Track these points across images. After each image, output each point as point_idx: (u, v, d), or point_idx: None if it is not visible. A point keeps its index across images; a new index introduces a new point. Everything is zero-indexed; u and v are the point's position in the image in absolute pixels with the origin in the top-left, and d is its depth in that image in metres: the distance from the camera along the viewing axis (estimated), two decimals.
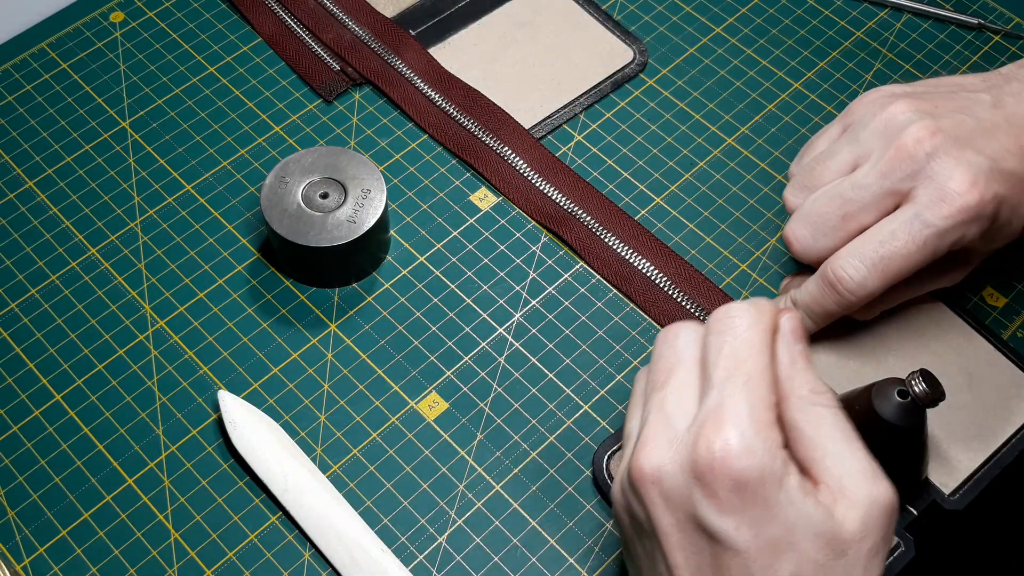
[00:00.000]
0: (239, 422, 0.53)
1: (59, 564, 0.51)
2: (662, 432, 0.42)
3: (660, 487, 0.41)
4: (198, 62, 0.67)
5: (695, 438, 0.40)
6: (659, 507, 0.41)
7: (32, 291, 0.59)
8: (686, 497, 0.40)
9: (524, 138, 0.63)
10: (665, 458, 0.41)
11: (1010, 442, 0.53)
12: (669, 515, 0.41)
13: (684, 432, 0.41)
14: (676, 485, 0.41)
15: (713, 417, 0.41)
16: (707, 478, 0.40)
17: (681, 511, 0.41)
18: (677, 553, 0.41)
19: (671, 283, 0.58)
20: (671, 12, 0.69)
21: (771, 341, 0.43)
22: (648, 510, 0.41)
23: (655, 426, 0.42)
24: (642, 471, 0.41)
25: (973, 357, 0.56)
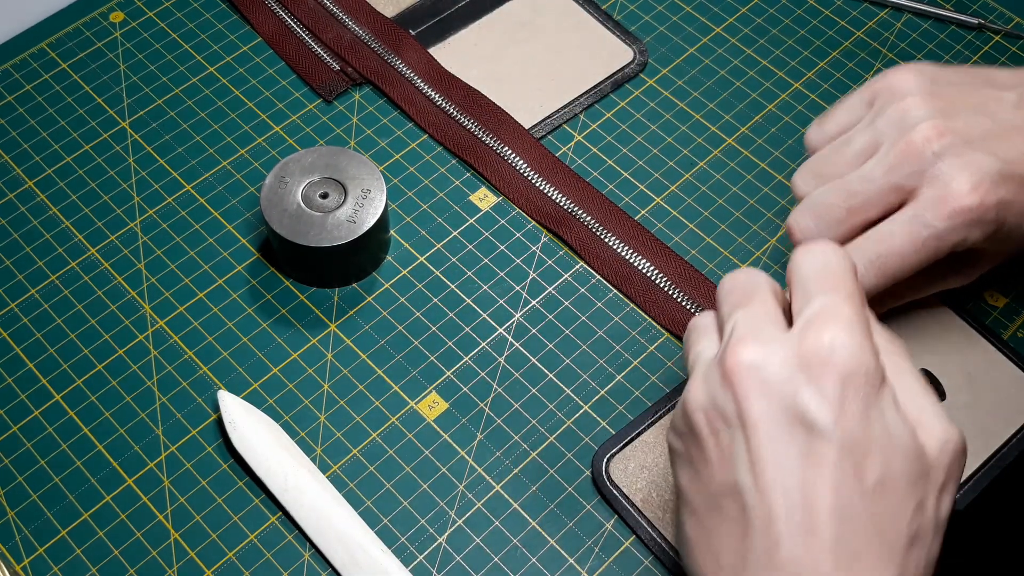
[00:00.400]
0: (239, 422, 0.53)
1: (59, 564, 0.51)
2: (758, 332, 0.42)
3: (759, 376, 0.41)
4: (198, 62, 0.67)
5: (802, 333, 0.41)
6: (753, 396, 0.41)
7: (32, 291, 0.59)
8: (786, 386, 0.40)
9: (524, 138, 0.63)
10: (767, 350, 0.41)
11: (1010, 442, 0.53)
12: (764, 403, 0.40)
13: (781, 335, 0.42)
14: (778, 374, 0.40)
15: (821, 316, 0.41)
16: (814, 369, 0.40)
17: (777, 400, 0.40)
18: (765, 445, 0.40)
19: (671, 283, 0.58)
20: (671, 12, 0.69)
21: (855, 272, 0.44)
22: (740, 400, 0.41)
23: (749, 327, 0.42)
24: (740, 362, 0.41)
25: (973, 357, 0.56)
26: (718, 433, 0.42)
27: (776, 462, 0.40)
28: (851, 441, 0.39)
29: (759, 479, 0.40)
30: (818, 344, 0.40)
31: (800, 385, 0.40)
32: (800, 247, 0.45)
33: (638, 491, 0.52)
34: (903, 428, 0.40)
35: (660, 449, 0.54)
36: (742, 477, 0.41)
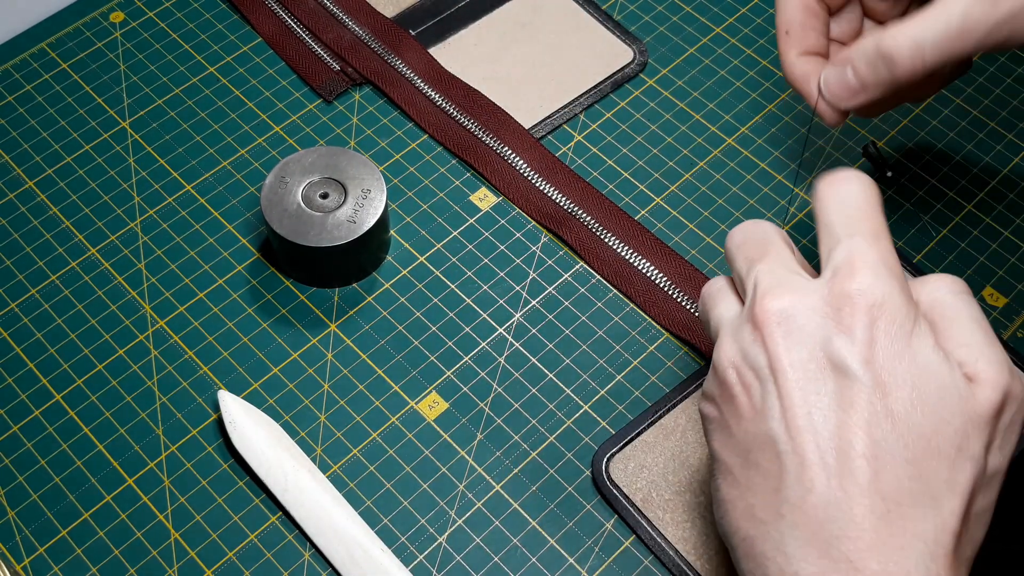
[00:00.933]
0: (239, 422, 0.53)
1: (59, 564, 0.51)
2: (783, 283, 0.42)
3: (789, 325, 0.41)
4: (198, 62, 0.67)
5: (830, 279, 0.41)
6: (784, 345, 0.40)
7: (32, 291, 0.59)
8: (816, 332, 0.40)
9: (524, 138, 0.63)
10: (793, 299, 0.41)
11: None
12: (796, 351, 0.40)
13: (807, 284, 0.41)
14: (808, 322, 0.40)
15: (848, 263, 0.41)
16: (843, 312, 0.40)
17: (809, 346, 0.40)
18: (796, 392, 0.40)
19: (671, 283, 0.58)
20: (671, 12, 0.69)
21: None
22: (771, 350, 0.41)
23: (773, 279, 0.42)
24: (770, 312, 0.41)
25: None
26: (750, 387, 0.42)
27: (807, 407, 0.40)
28: (884, 382, 0.39)
29: (791, 425, 0.40)
30: (846, 289, 0.40)
31: (830, 331, 0.40)
32: (823, 180, 0.44)
33: (638, 491, 0.52)
34: (943, 367, 0.39)
35: (660, 449, 0.54)
36: (774, 425, 0.40)
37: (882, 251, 0.41)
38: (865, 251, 0.41)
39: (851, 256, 0.41)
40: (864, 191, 0.43)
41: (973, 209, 0.62)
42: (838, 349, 0.39)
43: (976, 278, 0.59)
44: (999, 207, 0.62)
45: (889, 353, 0.39)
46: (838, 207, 0.43)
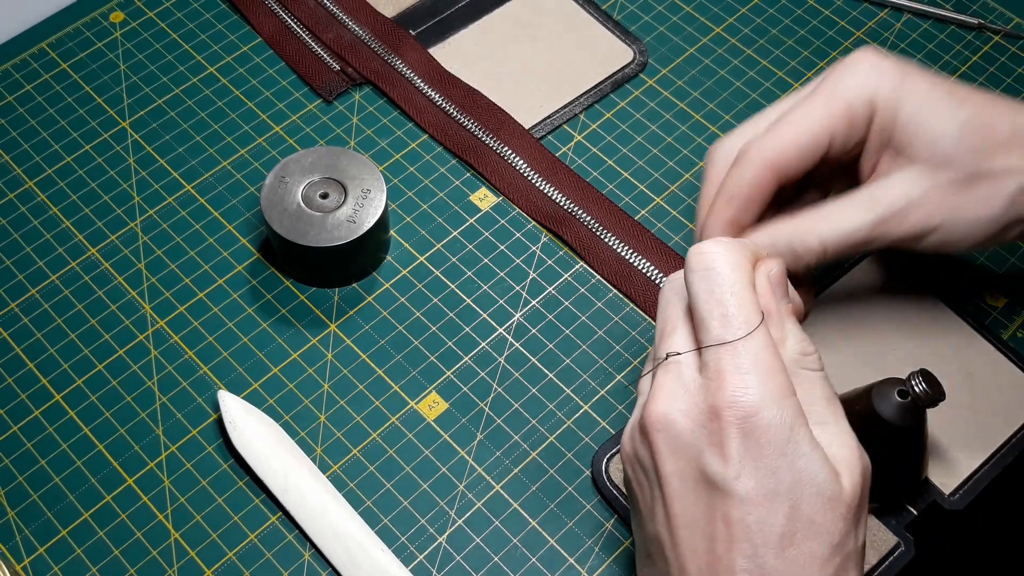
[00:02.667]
0: (239, 422, 0.53)
1: (59, 564, 0.51)
2: (671, 381, 0.41)
3: (667, 433, 0.41)
4: (198, 62, 0.67)
5: (703, 386, 0.40)
6: (664, 454, 0.41)
7: (32, 291, 0.59)
8: (692, 444, 0.40)
9: (524, 138, 0.63)
10: (674, 407, 0.41)
11: (1010, 442, 0.53)
12: (673, 463, 0.41)
13: (691, 381, 0.41)
14: (683, 432, 0.40)
15: (715, 366, 0.40)
16: (713, 426, 0.39)
17: (686, 458, 0.40)
18: (676, 502, 0.40)
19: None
20: (671, 12, 0.69)
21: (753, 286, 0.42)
22: (654, 458, 0.41)
23: (664, 376, 0.42)
24: (651, 418, 0.41)
25: (973, 357, 0.56)
26: (643, 487, 0.43)
27: (687, 520, 0.40)
28: (754, 498, 0.39)
29: (673, 536, 0.41)
30: (717, 402, 0.40)
31: (704, 443, 0.40)
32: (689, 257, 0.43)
33: None
34: (819, 468, 0.39)
35: None
36: (661, 532, 0.41)
37: (753, 351, 0.40)
38: (735, 355, 0.40)
39: (720, 362, 0.40)
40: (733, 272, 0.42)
41: None
42: (710, 465, 0.39)
43: (976, 278, 0.59)
44: None
45: (761, 469, 0.39)
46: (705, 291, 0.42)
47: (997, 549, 0.52)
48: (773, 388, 0.39)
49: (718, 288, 0.41)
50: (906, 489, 0.51)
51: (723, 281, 0.41)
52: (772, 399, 0.39)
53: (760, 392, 0.39)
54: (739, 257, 0.42)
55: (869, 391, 0.48)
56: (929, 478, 0.52)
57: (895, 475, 0.50)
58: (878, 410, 0.47)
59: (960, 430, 0.54)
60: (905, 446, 0.48)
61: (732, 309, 0.41)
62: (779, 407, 0.39)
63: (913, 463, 0.50)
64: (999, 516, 0.53)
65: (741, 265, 0.42)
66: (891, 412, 0.47)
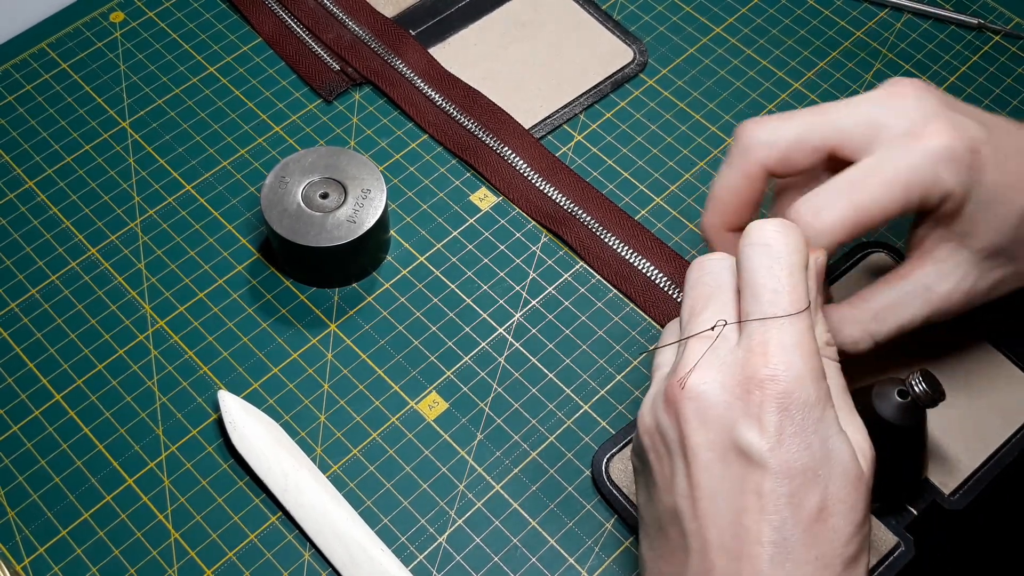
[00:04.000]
0: (239, 422, 0.53)
1: (59, 564, 0.51)
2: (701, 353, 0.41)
3: (699, 403, 0.40)
4: (198, 62, 0.67)
5: (743, 358, 0.40)
6: (693, 424, 0.40)
7: (32, 291, 0.59)
8: (725, 415, 0.40)
9: (524, 138, 0.63)
10: (709, 376, 0.41)
11: (1010, 442, 0.53)
12: (703, 433, 0.40)
13: (727, 354, 0.41)
14: (717, 403, 0.40)
15: (761, 339, 0.40)
16: (751, 397, 0.39)
17: (716, 429, 0.40)
18: (702, 473, 0.40)
19: (671, 283, 0.58)
20: (671, 12, 0.69)
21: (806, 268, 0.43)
22: (681, 428, 0.41)
23: (697, 347, 0.42)
24: (681, 390, 0.41)
25: (974, 358, 0.56)
26: (662, 458, 0.42)
27: (712, 491, 0.40)
28: (788, 471, 0.39)
29: (696, 507, 0.40)
30: (758, 371, 0.40)
31: (739, 415, 0.40)
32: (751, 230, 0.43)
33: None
34: (845, 450, 0.40)
35: None
36: (681, 503, 0.41)
37: (799, 330, 0.40)
38: (781, 331, 0.40)
39: (766, 335, 0.40)
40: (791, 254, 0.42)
41: None
42: (746, 436, 0.39)
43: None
44: None
45: (796, 443, 0.39)
46: (761, 264, 0.42)
47: (997, 549, 0.52)
48: (813, 368, 0.40)
49: (776, 264, 0.42)
50: (906, 489, 0.51)
51: (782, 258, 0.42)
52: (811, 378, 0.40)
53: (801, 370, 0.40)
54: (799, 240, 0.43)
55: (869, 391, 0.48)
56: (929, 478, 0.52)
57: (895, 475, 0.50)
58: (878, 410, 0.47)
59: (960, 430, 0.54)
60: (905, 446, 0.48)
61: (787, 286, 0.41)
62: (816, 387, 0.40)
63: (913, 463, 0.50)
64: (999, 516, 0.53)
65: (800, 248, 0.43)
66: (891, 412, 0.47)
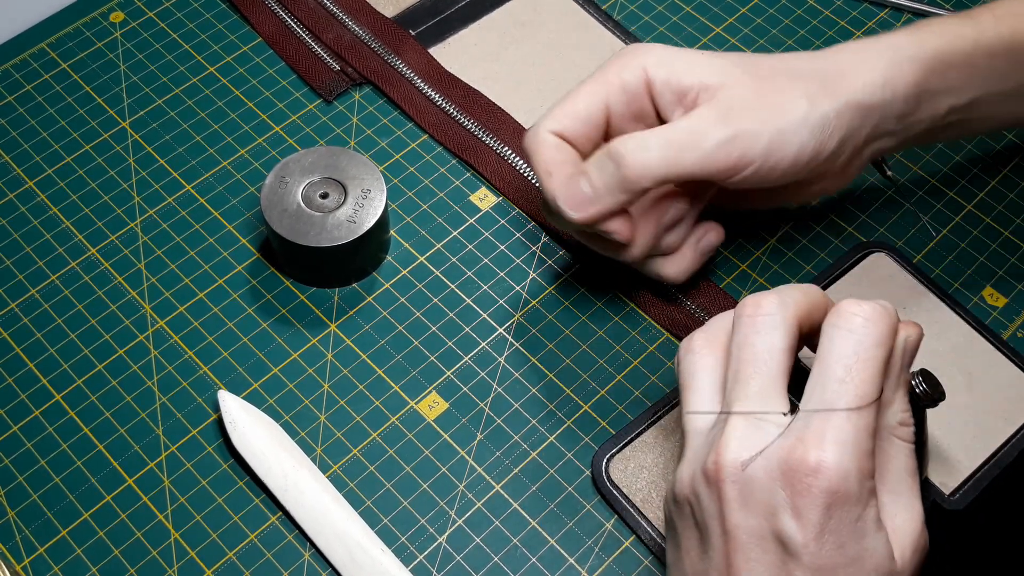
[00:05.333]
0: (239, 422, 0.53)
1: (59, 564, 0.51)
2: (751, 432, 0.41)
3: (742, 487, 0.40)
4: (198, 62, 0.67)
5: (793, 445, 0.40)
6: (734, 507, 0.40)
7: (32, 291, 0.59)
8: (768, 502, 0.40)
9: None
10: (751, 458, 0.40)
11: (1010, 442, 0.53)
12: (743, 517, 0.40)
13: (777, 435, 0.40)
14: (760, 488, 0.40)
15: (816, 431, 0.40)
16: (795, 490, 0.39)
17: (758, 514, 0.40)
18: (739, 556, 0.40)
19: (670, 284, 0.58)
20: (671, 12, 0.69)
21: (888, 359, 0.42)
22: (722, 508, 0.41)
23: (742, 426, 0.41)
24: (725, 467, 0.40)
25: (973, 357, 0.56)
26: (700, 528, 0.42)
27: (746, 572, 0.40)
28: (823, 566, 0.39)
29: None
30: (807, 461, 0.39)
31: (781, 503, 0.39)
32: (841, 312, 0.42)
33: (638, 491, 0.52)
34: (881, 547, 0.40)
35: (660, 449, 0.54)
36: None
37: (858, 426, 0.40)
38: (840, 425, 0.40)
39: (825, 425, 0.40)
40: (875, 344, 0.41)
41: (973, 209, 0.62)
42: (787, 527, 0.39)
43: (976, 278, 0.59)
44: (999, 207, 0.62)
45: (835, 541, 0.39)
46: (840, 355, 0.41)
47: (998, 548, 0.52)
48: (862, 468, 0.40)
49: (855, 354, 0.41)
50: None
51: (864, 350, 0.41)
52: (858, 478, 0.39)
53: (850, 468, 0.39)
54: (886, 329, 0.42)
55: None
56: (929, 478, 0.52)
57: None
58: None
59: (960, 430, 0.54)
60: None
61: (857, 378, 0.41)
62: (861, 485, 0.39)
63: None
64: (1000, 515, 0.53)
65: (884, 340, 0.42)
66: None
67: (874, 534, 0.40)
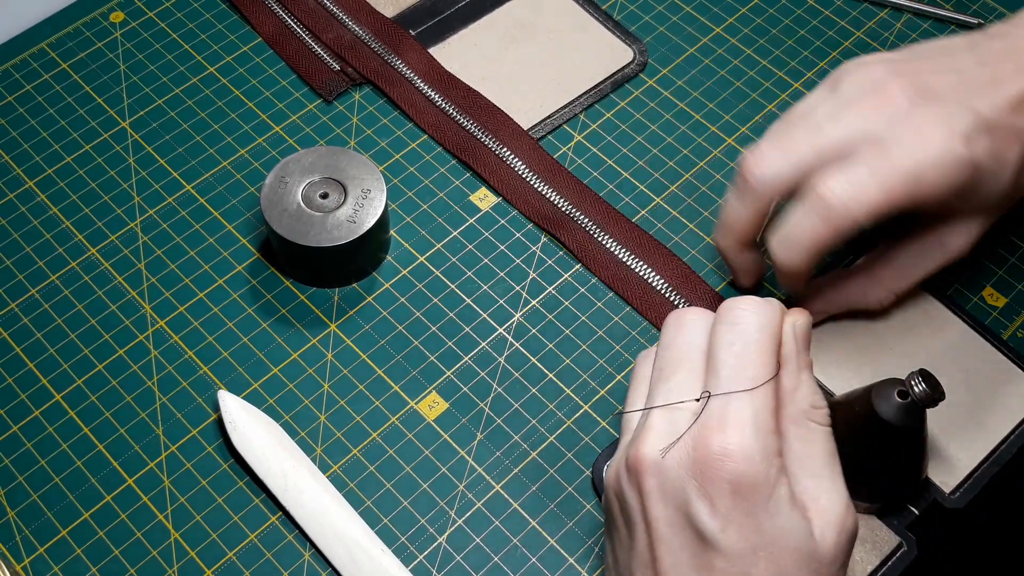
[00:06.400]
0: (239, 422, 0.53)
1: (59, 564, 0.51)
2: (666, 425, 0.42)
3: (658, 479, 0.41)
4: (198, 62, 0.67)
5: (697, 436, 0.41)
6: (653, 498, 0.41)
7: (32, 291, 0.59)
8: (681, 492, 0.41)
9: (523, 139, 0.63)
10: (667, 450, 0.41)
11: (1009, 439, 0.53)
12: (661, 507, 0.41)
13: (685, 427, 0.41)
14: (673, 479, 0.41)
15: (717, 417, 0.41)
16: (704, 477, 0.40)
17: (674, 505, 0.41)
18: (661, 546, 0.41)
19: (668, 286, 0.58)
20: (671, 12, 0.69)
21: (778, 345, 0.43)
22: (642, 500, 0.42)
23: (659, 418, 0.42)
24: (642, 461, 0.42)
25: (972, 356, 0.56)
26: (628, 522, 0.43)
27: (671, 563, 0.41)
28: (739, 551, 0.40)
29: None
30: (709, 451, 0.40)
31: (692, 492, 0.40)
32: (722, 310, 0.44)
33: None
34: (798, 525, 0.40)
35: None
36: (643, 571, 0.42)
37: (756, 404, 0.41)
38: (738, 408, 0.41)
39: (724, 407, 0.41)
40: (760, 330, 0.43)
41: None
42: (699, 515, 0.40)
43: (976, 278, 0.59)
44: None
45: (749, 523, 0.40)
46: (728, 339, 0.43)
47: (999, 546, 0.52)
48: (766, 446, 0.40)
49: (742, 339, 0.42)
50: (907, 489, 0.51)
51: (748, 334, 0.43)
52: (763, 456, 0.40)
53: (753, 447, 0.40)
54: (769, 316, 0.43)
55: (869, 391, 0.48)
56: (929, 477, 0.52)
57: (895, 475, 0.50)
58: (878, 410, 0.47)
59: (960, 429, 0.54)
60: (905, 446, 0.48)
61: (747, 362, 0.42)
62: (768, 464, 0.40)
63: (913, 463, 0.50)
64: (1000, 513, 0.53)
65: (767, 325, 0.43)
66: (891, 412, 0.47)
67: (789, 512, 0.40)
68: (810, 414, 0.43)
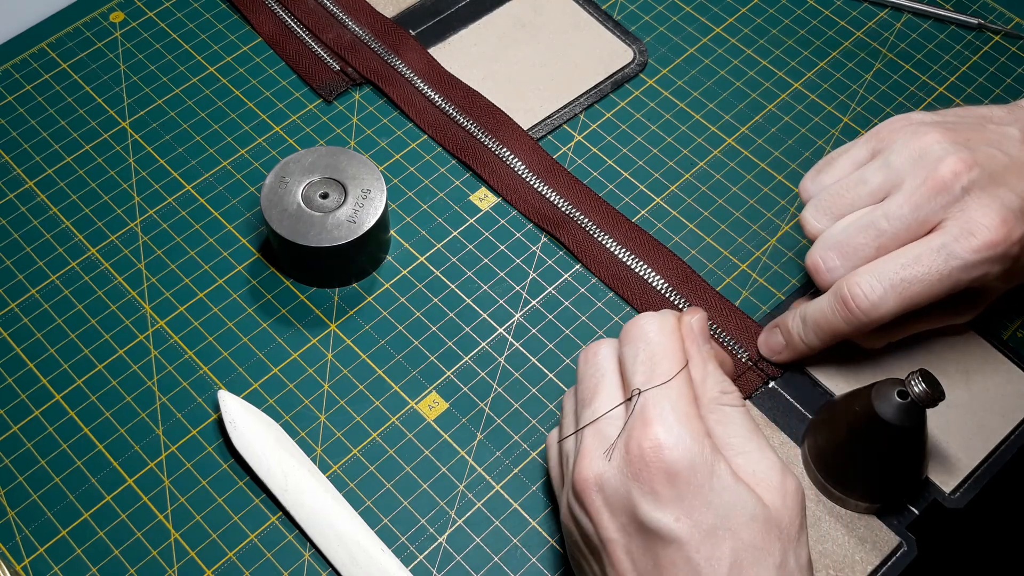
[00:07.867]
0: (239, 422, 0.53)
1: (59, 564, 0.51)
2: (598, 443, 0.44)
3: (603, 494, 0.43)
4: (198, 62, 0.67)
5: (626, 441, 0.42)
6: (603, 514, 0.43)
7: (32, 291, 0.59)
8: (626, 498, 0.42)
9: (523, 140, 0.63)
10: (603, 466, 0.43)
11: (1009, 439, 0.53)
12: (613, 520, 0.42)
13: (615, 436, 0.43)
14: (616, 488, 0.42)
15: (640, 418, 0.43)
16: (642, 475, 0.41)
17: (623, 514, 0.42)
18: (623, 558, 0.42)
19: (668, 286, 0.58)
20: (671, 12, 0.69)
21: (681, 343, 0.46)
22: (594, 519, 0.43)
23: (590, 438, 0.44)
24: (584, 481, 0.43)
25: (972, 357, 0.56)
26: (589, 548, 0.44)
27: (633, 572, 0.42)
28: (696, 536, 0.41)
29: None
30: (640, 449, 0.42)
31: (636, 492, 0.41)
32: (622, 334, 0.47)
33: None
34: (746, 496, 0.41)
35: None
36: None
37: (672, 395, 0.43)
38: (656, 399, 0.43)
39: (644, 407, 0.43)
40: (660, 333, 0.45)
41: None
42: (648, 513, 0.41)
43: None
44: None
45: (697, 508, 0.41)
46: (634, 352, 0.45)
47: (999, 546, 0.52)
48: (692, 429, 0.42)
49: (646, 347, 0.45)
50: (907, 489, 0.51)
51: (651, 340, 0.45)
52: (693, 438, 0.42)
53: (682, 432, 0.42)
54: (665, 321, 0.46)
55: (869, 391, 0.48)
56: (929, 477, 0.52)
57: (895, 475, 0.50)
58: (878, 410, 0.47)
59: (960, 429, 0.54)
60: (905, 446, 0.48)
61: (656, 362, 0.44)
62: (700, 445, 0.42)
63: (913, 463, 0.50)
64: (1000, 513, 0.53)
65: (667, 328, 0.46)
66: (891, 412, 0.47)
67: (734, 486, 0.41)
68: (721, 399, 0.45)
